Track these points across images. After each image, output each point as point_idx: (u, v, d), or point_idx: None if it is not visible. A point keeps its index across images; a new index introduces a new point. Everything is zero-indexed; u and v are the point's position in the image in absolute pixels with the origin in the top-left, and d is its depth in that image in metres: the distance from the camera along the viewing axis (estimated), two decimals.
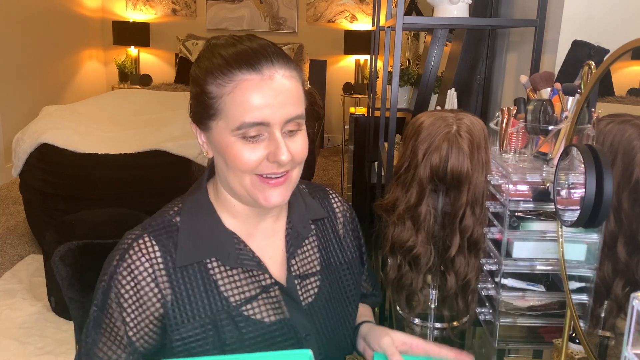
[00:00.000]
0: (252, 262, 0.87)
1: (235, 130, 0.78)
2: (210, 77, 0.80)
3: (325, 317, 0.93)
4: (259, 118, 0.77)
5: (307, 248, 0.95)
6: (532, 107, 1.06)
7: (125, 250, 0.84)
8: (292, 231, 0.93)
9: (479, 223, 1.10)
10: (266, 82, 0.78)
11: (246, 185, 0.82)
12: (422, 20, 2.19)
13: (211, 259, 0.86)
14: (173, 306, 0.83)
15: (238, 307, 0.85)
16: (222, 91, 0.79)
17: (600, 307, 1.01)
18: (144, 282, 0.83)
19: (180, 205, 0.90)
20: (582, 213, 0.73)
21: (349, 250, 1.01)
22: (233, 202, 0.88)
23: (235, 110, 0.78)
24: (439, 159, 1.08)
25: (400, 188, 1.15)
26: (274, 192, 0.82)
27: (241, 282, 0.87)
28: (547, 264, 1.06)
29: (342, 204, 1.04)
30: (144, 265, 0.83)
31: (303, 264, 0.94)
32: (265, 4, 6.00)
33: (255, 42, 0.82)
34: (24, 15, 4.79)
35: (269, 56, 0.79)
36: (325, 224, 1.00)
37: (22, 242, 3.39)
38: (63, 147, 3.02)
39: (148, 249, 0.84)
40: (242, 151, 0.79)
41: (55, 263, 1.06)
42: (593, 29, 1.47)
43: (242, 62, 0.78)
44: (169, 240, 0.85)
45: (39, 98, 4.98)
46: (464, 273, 1.12)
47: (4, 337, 2.40)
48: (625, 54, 0.66)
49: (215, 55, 0.81)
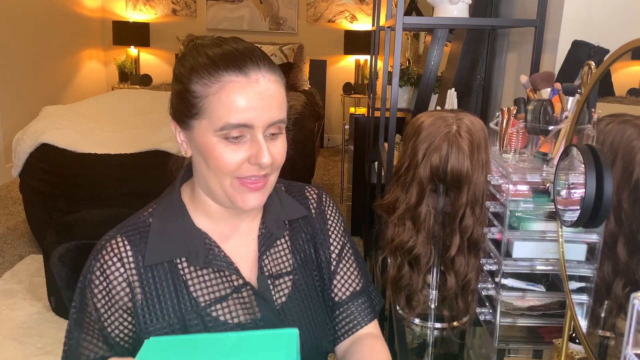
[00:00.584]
0: (222, 262, 0.88)
1: (218, 130, 0.79)
2: (195, 76, 0.80)
3: (299, 316, 0.92)
4: (243, 120, 0.78)
5: (280, 248, 0.95)
6: (532, 107, 1.06)
7: (98, 251, 0.87)
8: (265, 231, 0.93)
9: (479, 223, 1.10)
10: (252, 84, 0.79)
11: (225, 187, 0.83)
12: (422, 20, 2.19)
13: (181, 259, 0.87)
14: (142, 305, 0.85)
15: (206, 308, 0.86)
16: (207, 91, 0.79)
17: (600, 307, 1.01)
18: (115, 282, 0.85)
19: (154, 206, 0.91)
20: (582, 213, 0.73)
21: (327, 249, 0.99)
22: (208, 203, 0.89)
23: (219, 111, 0.78)
24: (439, 159, 1.08)
25: (400, 188, 1.15)
26: (252, 196, 0.84)
27: (211, 282, 0.87)
28: (547, 264, 1.06)
29: (318, 200, 1.02)
30: (115, 265, 0.85)
31: (275, 263, 0.93)
32: (265, 4, 6.00)
33: (241, 44, 0.83)
34: (24, 15, 4.79)
35: (255, 59, 0.80)
36: (301, 224, 0.98)
37: (22, 242, 3.39)
38: (63, 147, 3.02)
39: (120, 249, 0.86)
40: (223, 152, 0.80)
41: (54, 263, 1.06)
42: (593, 29, 1.47)
43: (229, 63, 0.79)
44: (141, 240, 0.87)
45: (39, 98, 4.98)
46: (464, 273, 1.12)
47: (4, 337, 2.40)
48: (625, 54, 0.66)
49: (200, 54, 0.82)
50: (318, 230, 0.99)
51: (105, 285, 0.85)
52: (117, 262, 0.85)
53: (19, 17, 4.72)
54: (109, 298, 0.85)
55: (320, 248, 0.99)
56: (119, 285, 0.85)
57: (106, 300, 0.85)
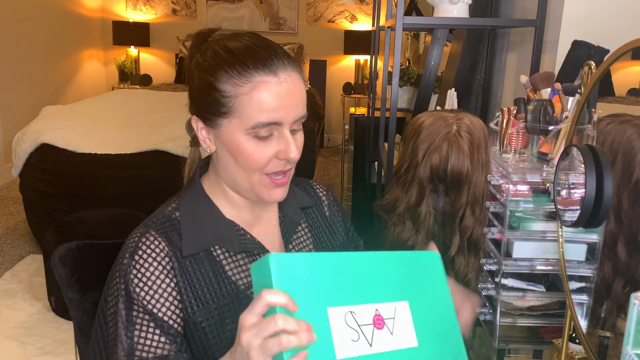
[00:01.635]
0: (256, 245, 0.91)
1: (249, 129, 0.81)
2: (223, 75, 0.82)
3: None
4: (274, 118, 0.81)
5: (301, 234, 1.00)
6: (532, 107, 1.06)
7: (133, 248, 0.86)
8: (285, 218, 0.99)
9: (479, 223, 1.10)
10: (282, 84, 0.81)
11: (253, 182, 0.86)
12: (422, 20, 2.19)
13: (215, 246, 0.89)
14: (187, 291, 0.86)
15: (246, 290, 0.88)
16: (238, 91, 0.81)
17: (600, 307, 1.01)
18: (158, 272, 0.84)
19: (177, 201, 0.92)
20: (582, 213, 0.73)
21: (339, 234, 1.06)
22: (231, 194, 0.92)
23: (250, 110, 0.80)
24: (439, 159, 1.08)
25: (400, 188, 1.15)
26: (278, 190, 0.88)
27: (246, 266, 0.90)
28: (547, 264, 1.06)
29: (324, 191, 1.09)
30: (155, 259, 0.85)
31: (299, 248, 0.99)
32: (265, 4, 6.00)
33: (262, 41, 0.85)
34: (24, 15, 4.79)
35: (280, 57, 0.83)
36: (314, 211, 1.05)
37: (22, 242, 3.39)
38: (63, 147, 3.02)
39: (155, 243, 0.86)
40: (254, 149, 0.83)
41: (55, 263, 1.06)
42: (593, 29, 1.47)
43: (258, 62, 0.81)
44: (173, 232, 0.88)
45: (39, 98, 4.98)
46: (464, 273, 1.12)
47: (4, 337, 2.40)
48: (625, 54, 0.67)
49: (225, 51, 0.83)
50: (329, 217, 1.06)
51: (149, 276, 0.84)
52: (157, 257, 0.85)
53: (19, 17, 4.72)
54: (157, 287, 0.84)
55: (335, 234, 1.05)
56: (164, 274, 0.85)
57: (159, 294, 0.84)
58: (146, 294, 0.84)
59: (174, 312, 0.85)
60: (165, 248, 0.86)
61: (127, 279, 0.84)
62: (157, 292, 0.84)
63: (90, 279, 1.08)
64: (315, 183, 1.10)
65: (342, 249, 1.05)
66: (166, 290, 0.84)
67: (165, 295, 0.84)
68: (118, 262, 0.88)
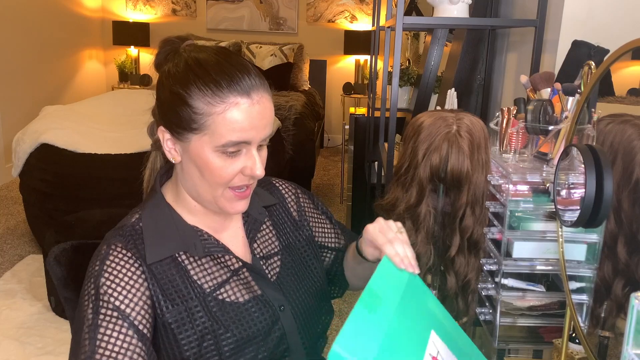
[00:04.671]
0: (219, 248, 0.93)
1: (219, 146, 0.83)
2: (196, 92, 0.83)
3: (294, 288, 0.98)
4: (244, 138, 0.84)
5: (265, 232, 1.02)
6: (532, 107, 1.06)
7: (104, 256, 0.88)
8: (249, 219, 1.00)
9: (479, 223, 1.10)
10: (254, 105, 0.84)
11: (217, 196, 0.89)
12: (422, 20, 2.19)
13: (179, 252, 0.91)
14: (157, 293, 0.88)
15: (212, 293, 0.90)
16: (211, 110, 0.82)
17: (600, 307, 1.01)
18: (128, 277, 0.86)
19: (139, 212, 0.94)
20: (582, 213, 0.73)
21: (305, 229, 1.07)
22: (193, 204, 0.94)
23: (222, 129, 0.83)
24: (439, 159, 1.08)
25: (400, 188, 1.15)
26: (240, 203, 0.91)
27: (211, 269, 0.92)
28: (547, 264, 1.06)
29: (287, 187, 1.10)
30: (124, 265, 0.87)
31: (264, 246, 1.00)
32: (265, 4, 6.00)
33: (236, 60, 0.86)
34: (24, 15, 4.79)
35: (253, 78, 0.85)
36: (277, 209, 1.06)
37: (22, 242, 3.39)
38: (63, 147, 3.02)
39: (123, 252, 0.88)
40: (221, 166, 0.85)
41: (50, 263, 1.06)
42: (593, 29, 1.47)
43: (232, 83, 0.83)
44: (139, 242, 0.90)
45: (39, 98, 4.98)
46: (464, 273, 1.12)
47: (4, 337, 2.40)
48: (625, 54, 0.67)
49: (199, 67, 0.84)
50: (294, 213, 1.07)
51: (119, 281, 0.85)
52: (129, 260, 0.87)
53: (19, 17, 4.72)
54: (127, 290, 0.85)
55: (301, 229, 1.06)
56: (133, 279, 0.86)
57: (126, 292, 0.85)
58: (119, 294, 0.85)
59: (144, 317, 0.85)
60: (134, 255, 0.88)
61: (97, 284, 0.85)
62: (128, 294, 0.85)
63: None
64: (276, 181, 1.11)
65: (309, 242, 1.05)
66: (136, 295, 0.86)
67: (135, 299, 0.85)
68: (88, 271, 0.89)
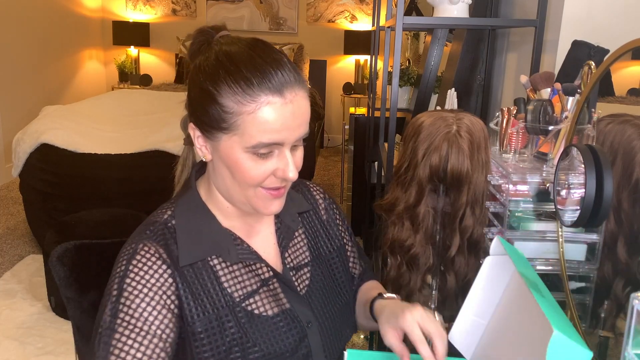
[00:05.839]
0: (252, 256, 0.89)
1: (249, 147, 0.79)
2: (226, 91, 0.78)
3: (322, 304, 0.95)
4: (276, 139, 0.78)
5: (297, 240, 0.98)
6: (532, 107, 1.06)
7: (131, 254, 0.84)
8: (281, 226, 0.96)
9: (479, 223, 1.10)
10: (287, 105, 0.78)
11: (249, 196, 0.84)
12: (422, 20, 2.19)
13: (212, 256, 0.87)
14: (188, 299, 0.83)
15: (241, 302, 0.86)
16: (241, 109, 0.77)
17: (600, 307, 1.01)
18: (154, 280, 0.82)
19: (172, 208, 0.89)
20: (582, 213, 0.73)
21: (337, 238, 1.04)
22: (226, 204, 0.90)
23: (253, 130, 0.78)
24: (439, 159, 1.08)
25: (400, 188, 1.15)
26: (274, 202, 0.85)
27: (242, 277, 0.88)
28: (547, 264, 1.06)
29: (322, 193, 1.07)
30: (153, 266, 0.83)
31: (295, 255, 0.96)
32: (265, 4, 6.00)
33: (269, 53, 0.80)
34: (24, 15, 4.78)
35: (287, 75, 0.79)
36: (311, 216, 1.02)
37: (22, 242, 3.39)
38: (63, 147, 3.02)
39: (151, 252, 0.83)
40: (252, 167, 0.80)
41: (53, 263, 1.06)
42: (593, 29, 1.47)
43: (264, 80, 0.77)
44: (170, 241, 0.85)
45: (39, 98, 4.98)
46: (464, 273, 1.12)
47: (4, 337, 2.40)
48: (625, 54, 0.67)
49: (230, 62, 0.79)
50: (325, 221, 1.03)
51: (147, 280, 0.81)
52: (158, 260, 0.83)
53: (19, 17, 4.72)
54: (154, 292, 0.81)
55: (332, 238, 1.03)
56: (166, 281, 0.82)
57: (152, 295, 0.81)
58: (142, 300, 0.80)
59: (167, 326, 0.81)
60: (163, 255, 0.83)
61: (121, 285, 0.82)
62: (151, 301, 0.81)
63: (88, 279, 1.08)
64: (311, 184, 1.07)
65: (339, 254, 1.03)
66: (159, 303, 0.81)
67: (158, 307, 0.81)
68: (114, 269, 0.85)
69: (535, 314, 0.66)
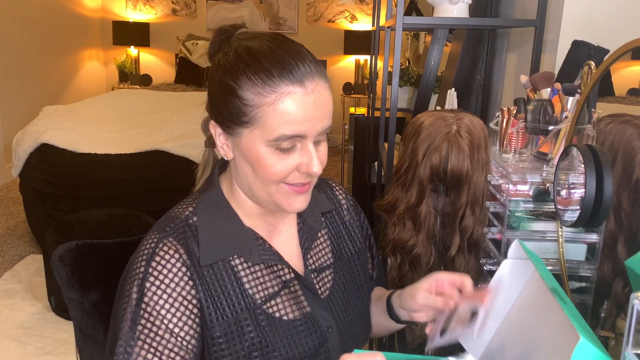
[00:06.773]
0: (274, 257, 0.87)
1: (271, 141, 0.77)
2: (245, 82, 0.77)
3: (342, 308, 0.93)
4: (298, 131, 0.76)
5: (320, 241, 0.96)
6: (532, 107, 1.06)
7: (150, 254, 0.81)
8: (304, 226, 0.93)
9: (479, 223, 1.10)
10: (308, 95, 0.76)
11: (272, 192, 0.82)
12: (422, 20, 2.19)
13: (233, 256, 0.85)
14: (207, 303, 0.82)
15: (262, 305, 0.85)
16: (262, 101, 0.76)
17: (600, 307, 1.01)
18: (175, 284, 0.80)
19: (194, 204, 0.88)
20: (582, 213, 0.73)
21: (358, 240, 1.02)
22: (249, 203, 0.88)
23: (274, 122, 0.76)
24: (439, 159, 1.08)
25: (400, 188, 1.15)
26: (299, 199, 0.83)
27: (264, 278, 0.86)
28: (547, 264, 1.06)
29: (344, 193, 1.05)
30: (175, 265, 0.81)
31: (318, 257, 0.94)
32: (265, 4, 6.00)
33: (291, 47, 0.79)
34: (24, 15, 4.79)
35: (308, 65, 0.77)
36: (334, 216, 1.00)
37: (22, 242, 3.39)
38: (63, 147, 3.02)
39: (171, 252, 0.81)
40: (274, 162, 0.78)
41: (55, 263, 1.06)
42: (593, 29, 1.47)
43: (284, 71, 0.75)
44: (191, 239, 0.83)
45: (39, 98, 4.98)
46: (464, 273, 1.11)
47: (4, 337, 2.40)
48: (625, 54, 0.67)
49: (250, 55, 0.78)
50: (348, 222, 1.02)
51: (165, 288, 0.79)
52: (177, 262, 0.81)
53: (19, 17, 4.72)
54: (174, 298, 0.80)
55: (354, 240, 1.01)
56: (186, 285, 0.80)
57: (172, 301, 0.79)
58: (161, 307, 0.79)
59: (187, 333, 0.80)
60: (182, 256, 0.81)
61: (141, 289, 0.80)
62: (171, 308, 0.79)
63: (90, 279, 1.08)
64: (334, 184, 1.05)
65: (360, 256, 1.01)
66: (179, 309, 0.80)
67: (178, 314, 0.79)
68: (133, 266, 0.83)
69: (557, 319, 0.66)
